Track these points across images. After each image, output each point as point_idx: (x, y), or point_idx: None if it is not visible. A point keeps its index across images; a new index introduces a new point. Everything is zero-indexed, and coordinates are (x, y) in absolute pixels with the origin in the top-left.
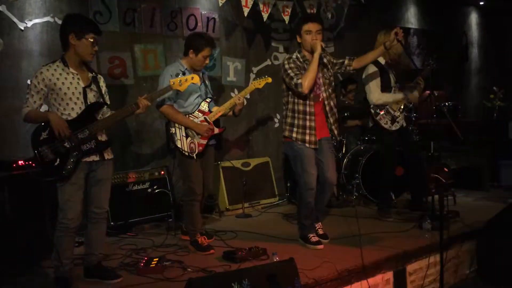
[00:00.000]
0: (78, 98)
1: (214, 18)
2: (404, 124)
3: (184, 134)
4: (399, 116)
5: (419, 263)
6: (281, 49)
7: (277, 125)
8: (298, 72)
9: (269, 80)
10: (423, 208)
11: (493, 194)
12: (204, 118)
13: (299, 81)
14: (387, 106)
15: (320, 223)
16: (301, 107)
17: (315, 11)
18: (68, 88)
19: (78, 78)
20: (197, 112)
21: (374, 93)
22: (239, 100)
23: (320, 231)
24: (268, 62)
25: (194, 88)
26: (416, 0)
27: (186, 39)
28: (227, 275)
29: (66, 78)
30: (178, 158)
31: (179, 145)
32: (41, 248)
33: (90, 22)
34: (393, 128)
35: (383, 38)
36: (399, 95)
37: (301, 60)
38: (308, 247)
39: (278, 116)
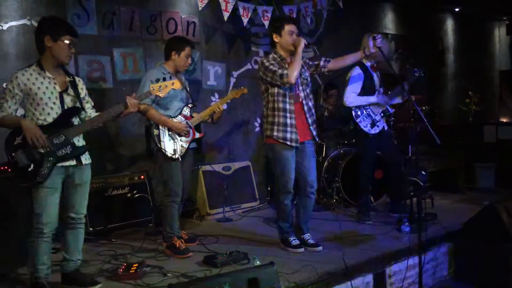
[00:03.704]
0: (54, 103)
1: (194, 22)
2: (386, 128)
3: (167, 137)
4: (379, 120)
5: (398, 265)
6: (261, 53)
7: (257, 129)
8: (280, 66)
9: (245, 91)
10: (401, 211)
11: (469, 196)
12: (186, 122)
13: (285, 71)
14: (369, 109)
15: (308, 234)
16: (281, 105)
17: (294, 16)
18: (44, 93)
19: (55, 83)
20: (180, 117)
21: (348, 96)
22: (218, 108)
23: (311, 241)
24: (248, 66)
25: (176, 93)
26: (394, 6)
27: (166, 44)
28: (207, 280)
29: (42, 83)
30: (160, 160)
31: (162, 147)
32: (17, 255)
33: (65, 24)
34: (373, 131)
35: (367, 40)
36: (371, 99)
37: (278, 59)
38: (288, 251)
39: (259, 120)
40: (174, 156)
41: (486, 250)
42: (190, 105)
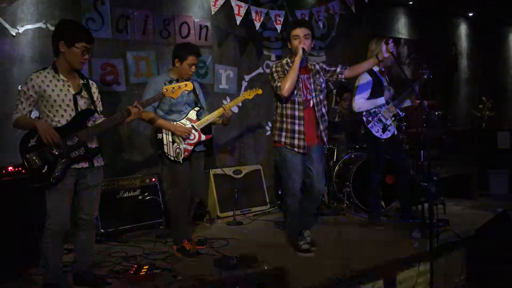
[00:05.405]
0: (68, 105)
1: (206, 26)
2: (396, 133)
3: (170, 140)
4: (390, 125)
5: (409, 272)
6: (273, 57)
7: (268, 132)
8: (282, 76)
9: (260, 91)
10: (413, 217)
11: (482, 203)
12: (191, 125)
13: (279, 84)
14: (380, 114)
15: (308, 231)
16: (289, 112)
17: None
18: (58, 95)
19: (69, 85)
20: (185, 120)
21: (357, 102)
22: (224, 110)
23: (308, 239)
24: (260, 70)
25: (179, 98)
26: (407, 10)
27: (172, 50)
28: (217, 283)
29: (56, 85)
30: (165, 164)
31: (165, 150)
32: (29, 255)
33: (81, 30)
34: (384, 136)
35: (374, 46)
36: (380, 100)
37: (290, 65)
38: (298, 255)
39: (270, 124)
40: (177, 160)
41: (499, 257)
42: (196, 109)
